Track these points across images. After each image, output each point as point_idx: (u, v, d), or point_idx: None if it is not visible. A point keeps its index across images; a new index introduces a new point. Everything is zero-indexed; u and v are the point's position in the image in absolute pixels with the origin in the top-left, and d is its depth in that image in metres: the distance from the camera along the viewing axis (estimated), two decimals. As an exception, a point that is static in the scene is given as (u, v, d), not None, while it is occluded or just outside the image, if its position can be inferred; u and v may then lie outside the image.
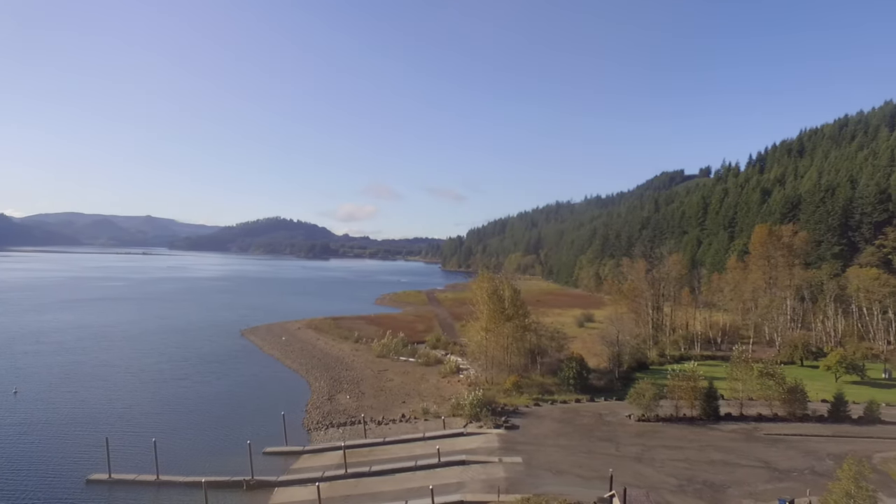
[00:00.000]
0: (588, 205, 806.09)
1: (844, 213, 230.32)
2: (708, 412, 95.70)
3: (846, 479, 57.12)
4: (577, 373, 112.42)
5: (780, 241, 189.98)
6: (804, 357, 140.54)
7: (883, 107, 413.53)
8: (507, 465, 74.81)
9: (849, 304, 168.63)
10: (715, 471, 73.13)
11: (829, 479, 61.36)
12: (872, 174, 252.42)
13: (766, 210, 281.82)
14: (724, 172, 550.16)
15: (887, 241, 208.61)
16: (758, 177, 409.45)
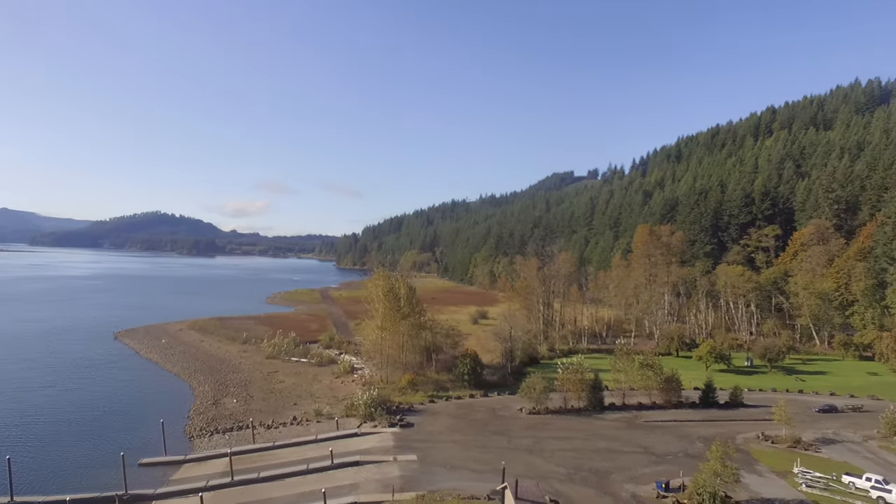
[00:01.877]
0: (483, 203, 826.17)
1: (715, 215, 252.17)
2: (594, 403, 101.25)
3: (714, 460, 62.72)
4: (471, 369, 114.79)
5: (660, 240, 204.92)
6: (679, 348, 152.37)
7: (748, 118, 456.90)
8: (402, 464, 74.89)
9: (718, 298, 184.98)
10: (600, 458, 77.48)
11: (699, 461, 66.94)
12: (739, 179, 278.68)
13: (648, 211, 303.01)
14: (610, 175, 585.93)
15: (751, 241, 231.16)
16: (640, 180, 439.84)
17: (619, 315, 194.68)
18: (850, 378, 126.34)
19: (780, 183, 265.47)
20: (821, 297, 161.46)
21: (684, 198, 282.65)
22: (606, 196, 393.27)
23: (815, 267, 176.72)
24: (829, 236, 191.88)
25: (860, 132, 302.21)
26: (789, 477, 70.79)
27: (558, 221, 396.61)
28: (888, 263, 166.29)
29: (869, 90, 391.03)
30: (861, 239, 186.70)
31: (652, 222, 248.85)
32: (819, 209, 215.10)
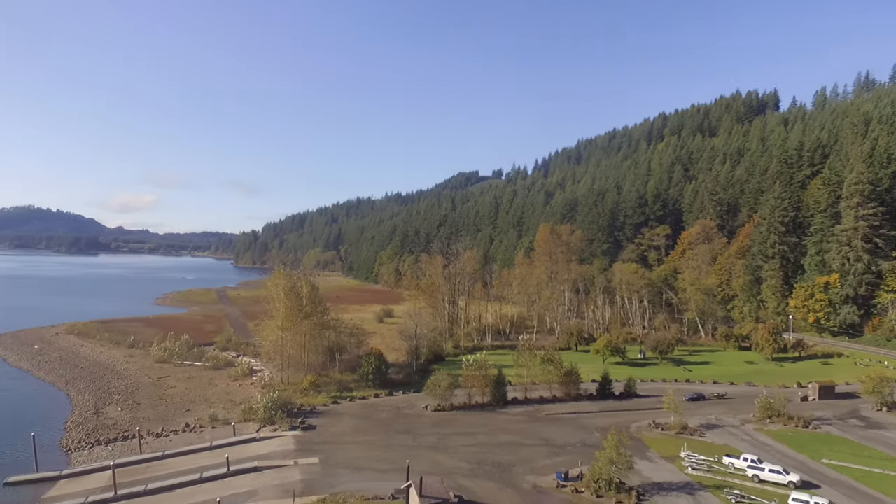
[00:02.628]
0: (389, 201, 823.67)
1: (612, 215, 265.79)
2: (498, 398, 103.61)
3: (609, 448, 66.03)
4: (376, 368, 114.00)
5: (561, 239, 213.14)
6: (578, 343, 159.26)
7: (642, 124, 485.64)
8: (303, 467, 73.04)
9: (614, 295, 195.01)
10: (503, 452, 79.37)
11: (597, 450, 70.08)
12: (634, 182, 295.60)
13: (549, 211, 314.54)
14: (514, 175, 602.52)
15: (644, 240, 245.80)
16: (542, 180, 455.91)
17: (522, 311, 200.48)
18: (730, 367, 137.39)
19: (670, 185, 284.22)
20: (705, 292, 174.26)
21: (583, 198, 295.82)
22: (510, 196, 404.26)
23: (700, 264, 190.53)
24: (713, 236, 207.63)
25: (740, 139, 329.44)
26: (677, 461, 75.79)
27: (464, 220, 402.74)
28: (763, 261, 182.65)
29: (748, 101, 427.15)
30: (740, 238, 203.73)
31: (553, 221, 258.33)
32: (704, 210, 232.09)
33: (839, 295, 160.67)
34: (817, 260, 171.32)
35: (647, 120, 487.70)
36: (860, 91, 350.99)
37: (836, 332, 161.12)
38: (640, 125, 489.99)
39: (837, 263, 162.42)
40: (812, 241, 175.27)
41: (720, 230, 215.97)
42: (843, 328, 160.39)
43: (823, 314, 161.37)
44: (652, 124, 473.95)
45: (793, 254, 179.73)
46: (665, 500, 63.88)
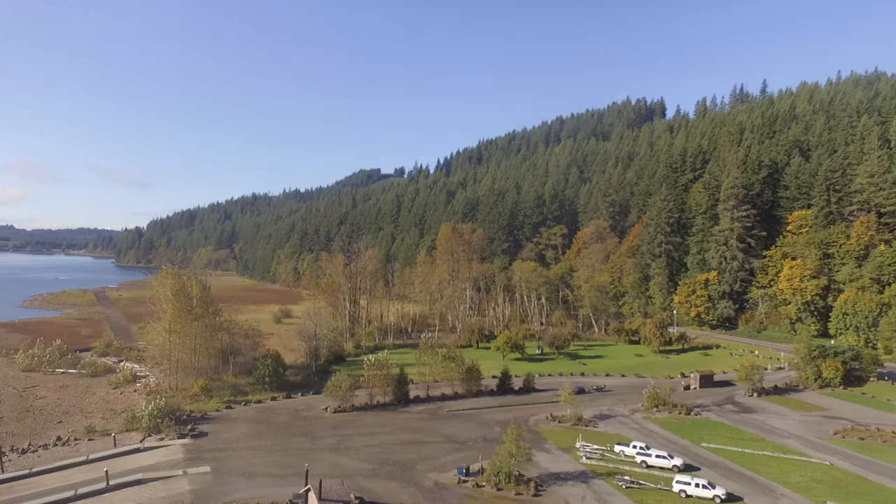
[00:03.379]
0: (287, 198, 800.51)
1: (512, 215, 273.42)
2: (400, 397, 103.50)
3: (509, 442, 67.78)
4: (272, 370, 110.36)
5: (462, 237, 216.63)
6: (479, 340, 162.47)
7: (540, 126, 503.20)
8: (193, 477, 69.25)
9: (514, 292, 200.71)
10: (406, 451, 79.35)
11: (497, 444, 71.69)
12: (532, 182, 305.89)
13: (451, 210, 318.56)
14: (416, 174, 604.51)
15: (542, 240, 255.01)
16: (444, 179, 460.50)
17: (425, 310, 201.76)
18: (622, 360, 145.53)
19: (567, 187, 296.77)
20: (599, 289, 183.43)
21: (484, 198, 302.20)
22: (412, 194, 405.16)
23: (594, 263, 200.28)
24: (606, 235, 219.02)
25: (631, 144, 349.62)
26: (573, 451, 79.12)
27: (365, 218, 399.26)
28: (651, 260, 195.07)
29: (638, 108, 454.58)
30: (631, 238, 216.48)
31: (455, 221, 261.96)
32: (598, 211, 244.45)
33: (717, 291, 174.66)
34: (698, 258, 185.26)
35: (545, 123, 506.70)
36: (735, 103, 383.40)
37: (715, 325, 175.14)
38: (538, 128, 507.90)
39: (716, 262, 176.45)
40: (694, 240, 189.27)
41: (612, 230, 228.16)
42: (721, 321, 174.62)
43: (704, 309, 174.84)
44: (550, 127, 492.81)
45: (677, 253, 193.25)
46: (561, 490, 66.45)
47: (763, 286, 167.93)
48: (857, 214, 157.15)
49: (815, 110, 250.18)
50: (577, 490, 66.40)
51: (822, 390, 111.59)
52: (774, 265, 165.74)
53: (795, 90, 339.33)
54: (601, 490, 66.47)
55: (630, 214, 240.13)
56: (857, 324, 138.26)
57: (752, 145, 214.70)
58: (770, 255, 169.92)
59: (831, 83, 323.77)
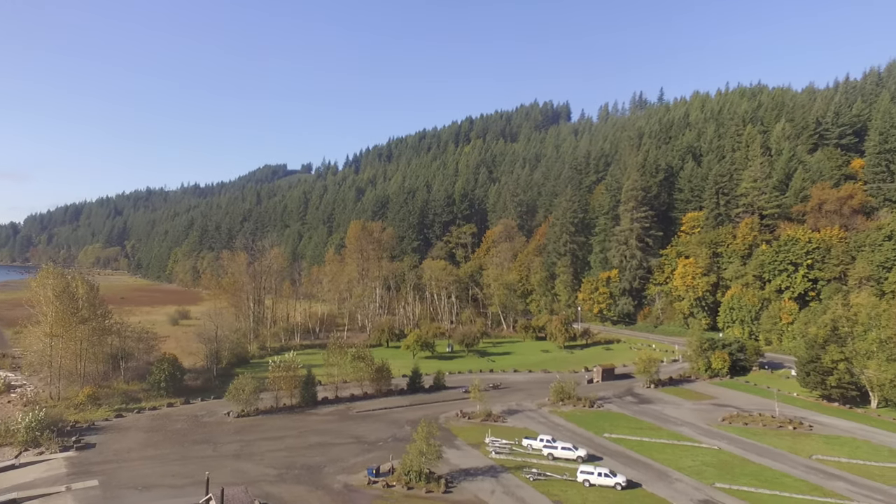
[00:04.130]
0: (185, 193, 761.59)
1: (422, 213, 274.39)
2: (307, 399, 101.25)
3: (420, 440, 67.99)
4: (169, 374, 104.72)
5: (372, 235, 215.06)
6: (389, 339, 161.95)
7: (451, 126, 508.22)
8: (78, 493, 64.35)
9: (424, 291, 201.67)
10: (313, 454, 77.69)
11: (407, 443, 71.75)
12: (442, 181, 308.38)
13: (360, 207, 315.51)
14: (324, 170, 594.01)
15: (452, 238, 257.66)
16: (353, 176, 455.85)
17: (333, 309, 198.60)
18: (529, 356, 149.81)
19: (476, 186, 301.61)
20: (507, 287, 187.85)
21: (395, 196, 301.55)
22: (320, 191, 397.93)
23: (503, 261, 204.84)
24: (515, 234, 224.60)
25: (538, 146, 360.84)
26: (482, 447, 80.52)
27: (270, 215, 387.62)
28: (556, 258, 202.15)
29: (545, 110, 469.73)
30: (538, 237, 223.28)
31: (365, 218, 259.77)
32: (507, 211, 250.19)
33: (618, 288, 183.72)
34: (601, 257, 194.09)
35: (454, 123, 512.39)
36: (635, 109, 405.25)
37: (616, 321, 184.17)
38: (448, 127, 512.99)
39: (617, 260, 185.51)
40: (597, 240, 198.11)
41: (521, 229, 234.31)
42: (621, 317, 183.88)
43: (606, 305, 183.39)
44: (460, 127, 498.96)
45: (581, 251, 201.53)
46: (471, 485, 67.43)
47: (660, 283, 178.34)
48: (743, 216, 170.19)
49: (707, 118, 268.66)
50: (486, 485, 67.61)
51: (711, 380, 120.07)
52: (670, 263, 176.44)
53: (689, 99, 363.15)
54: (510, 483, 68.04)
55: (537, 214, 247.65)
56: (742, 318, 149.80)
57: (651, 150, 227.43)
58: (666, 253, 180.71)
59: (721, 93, 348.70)
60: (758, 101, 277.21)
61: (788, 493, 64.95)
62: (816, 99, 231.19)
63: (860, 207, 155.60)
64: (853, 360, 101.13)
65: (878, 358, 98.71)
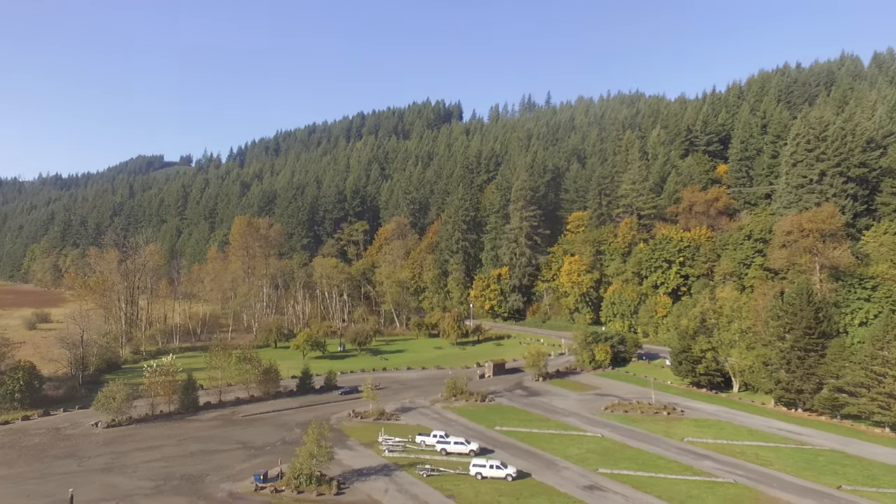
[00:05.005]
0: (44, 184, 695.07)
1: (312, 210, 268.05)
2: (187, 405, 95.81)
3: (310, 442, 66.30)
4: (25, 385, 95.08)
5: (258, 232, 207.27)
6: (278, 339, 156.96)
7: (342, 121, 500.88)
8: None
9: (314, 289, 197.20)
10: (194, 462, 73.51)
11: (297, 446, 69.72)
12: (333, 177, 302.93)
13: (246, 202, 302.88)
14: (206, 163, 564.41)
15: (343, 235, 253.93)
16: (238, 170, 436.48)
17: (216, 310, 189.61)
18: (422, 353, 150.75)
19: (368, 183, 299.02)
20: (400, 284, 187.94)
21: (283, 191, 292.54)
22: (201, 184, 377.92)
23: (395, 259, 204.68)
24: (407, 232, 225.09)
25: (430, 144, 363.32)
26: (375, 446, 79.93)
27: (145, 209, 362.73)
28: (449, 256, 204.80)
29: (437, 109, 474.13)
30: (430, 235, 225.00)
31: (251, 214, 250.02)
32: (399, 208, 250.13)
33: (508, 285, 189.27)
34: (492, 255, 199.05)
35: (346, 118, 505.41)
36: (524, 111, 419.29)
37: (507, 317, 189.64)
38: (339, 122, 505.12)
39: (507, 258, 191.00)
40: (488, 238, 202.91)
41: (413, 227, 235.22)
42: (512, 313, 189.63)
43: (497, 302, 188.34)
44: (351, 122, 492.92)
45: (473, 249, 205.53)
46: (364, 485, 66.69)
47: (547, 280, 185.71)
48: (623, 216, 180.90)
49: (590, 123, 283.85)
50: (379, 484, 67.14)
51: (595, 371, 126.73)
52: (557, 261, 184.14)
53: (574, 103, 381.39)
54: (403, 481, 67.99)
55: (430, 212, 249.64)
56: (623, 312, 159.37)
57: (539, 151, 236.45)
58: (553, 251, 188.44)
59: (603, 99, 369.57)
60: (636, 108, 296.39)
61: (663, 474, 69.79)
62: (687, 108, 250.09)
63: (724, 209, 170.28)
64: (718, 350, 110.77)
65: (739, 346, 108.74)
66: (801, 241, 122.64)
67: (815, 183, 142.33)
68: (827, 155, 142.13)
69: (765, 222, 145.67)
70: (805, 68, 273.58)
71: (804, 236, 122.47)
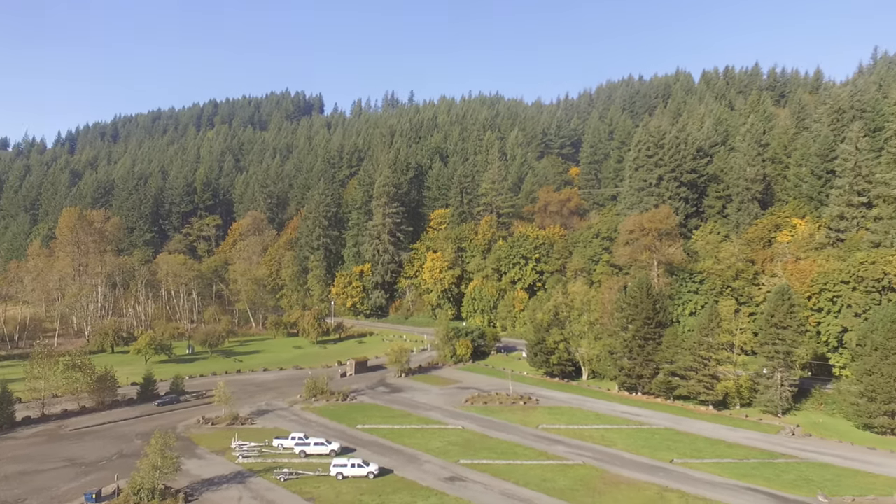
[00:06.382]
0: None
1: (156, 202, 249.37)
2: (1, 421, 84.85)
3: (153, 454, 61.39)
4: None
5: (92, 226, 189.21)
6: (115, 343, 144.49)
7: (192, 108, 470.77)
8: None
9: (159, 288, 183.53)
10: (11, 486, 65.29)
11: (138, 459, 64.34)
12: (181, 168, 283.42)
13: (77, 193, 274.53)
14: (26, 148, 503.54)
15: (193, 230, 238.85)
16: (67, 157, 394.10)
17: (39, 312, 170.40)
18: (280, 353, 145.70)
19: (221, 175, 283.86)
20: (256, 282, 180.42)
21: (122, 181, 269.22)
22: (21, 172, 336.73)
23: (251, 255, 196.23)
24: (264, 227, 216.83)
25: (290, 136, 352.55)
26: (228, 453, 75.81)
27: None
28: (309, 252, 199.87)
29: (297, 101, 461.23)
30: (289, 231, 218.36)
31: (83, 206, 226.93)
32: (256, 202, 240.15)
33: (371, 282, 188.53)
34: (354, 251, 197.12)
35: (196, 105, 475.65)
36: (387, 107, 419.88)
37: (369, 314, 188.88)
38: (189, 109, 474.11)
39: (370, 254, 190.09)
40: (350, 234, 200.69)
41: (271, 222, 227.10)
42: (374, 310, 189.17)
43: (359, 299, 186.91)
44: (202, 110, 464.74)
45: (335, 246, 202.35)
46: (215, 495, 63.06)
47: (410, 277, 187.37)
48: (483, 214, 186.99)
49: (452, 122, 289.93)
50: (232, 492, 63.82)
51: (456, 366, 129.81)
52: (419, 257, 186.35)
53: (437, 102, 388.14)
54: (259, 487, 65.16)
55: (289, 207, 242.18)
56: (483, 307, 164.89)
57: (402, 148, 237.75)
58: (416, 248, 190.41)
59: (465, 100, 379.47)
60: (496, 109, 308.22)
61: (520, 461, 73.07)
62: (543, 112, 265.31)
63: (576, 209, 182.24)
64: (570, 341, 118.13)
65: (588, 337, 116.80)
66: (641, 239, 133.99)
67: (654, 186, 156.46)
68: (664, 161, 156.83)
69: (611, 222, 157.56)
70: (646, 81, 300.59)
71: (644, 235, 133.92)
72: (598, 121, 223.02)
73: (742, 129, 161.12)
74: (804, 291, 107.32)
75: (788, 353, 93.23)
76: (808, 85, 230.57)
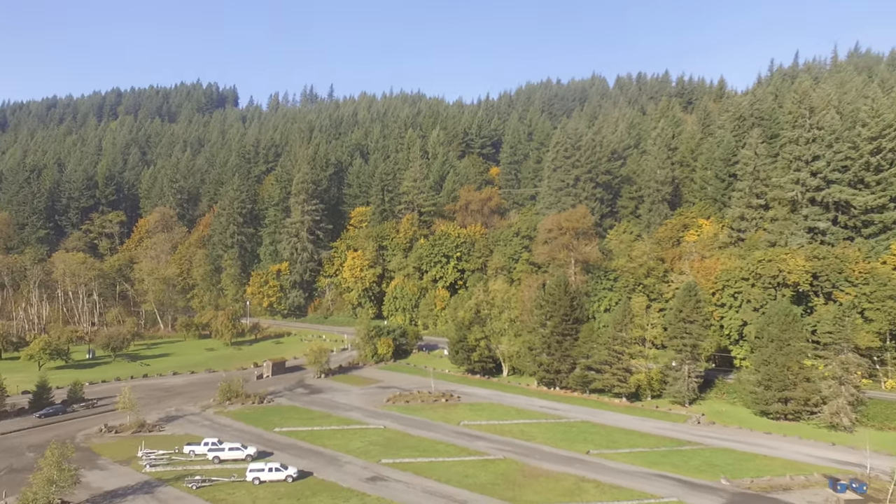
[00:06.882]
0: None
1: (52, 197, 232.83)
2: None
3: (48, 467, 57.26)
4: None
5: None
6: (3, 349, 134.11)
7: (92, 96, 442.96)
8: None
9: (55, 289, 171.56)
10: None
11: (30, 473, 60.00)
12: (81, 160, 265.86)
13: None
14: None
15: (94, 227, 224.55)
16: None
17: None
18: (191, 355, 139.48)
19: (125, 168, 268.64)
20: (165, 282, 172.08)
21: (11, 174, 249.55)
22: None
23: (159, 254, 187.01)
24: (174, 224, 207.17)
25: (201, 129, 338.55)
26: (134, 462, 71.89)
27: None
28: (223, 250, 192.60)
29: (209, 92, 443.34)
30: (201, 228, 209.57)
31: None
32: (164, 198, 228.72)
33: (289, 281, 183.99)
34: (271, 249, 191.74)
35: (97, 93, 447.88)
36: (306, 102, 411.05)
37: (287, 314, 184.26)
38: (89, 97, 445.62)
39: (288, 252, 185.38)
40: (267, 232, 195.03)
41: (181, 219, 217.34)
42: (292, 310, 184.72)
43: (276, 298, 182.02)
44: (104, 99, 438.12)
45: (250, 243, 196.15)
46: (120, 507, 59.57)
47: (330, 275, 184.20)
48: (405, 212, 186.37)
49: (373, 119, 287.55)
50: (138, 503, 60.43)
51: (378, 365, 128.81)
52: (340, 256, 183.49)
53: (357, 98, 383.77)
54: (168, 496, 62.26)
55: (201, 203, 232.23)
56: (404, 306, 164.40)
57: (321, 144, 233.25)
58: (336, 246, 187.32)
59: (386, 97, 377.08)
60: (418, 108, 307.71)
61: (442, 458, 73.40)
62: (464, 112, 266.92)
63: (496, 208, 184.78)
64: (491, 338, 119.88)
65: (509, 334, 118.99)
66: (559, 238, 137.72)
67: (571, 187, 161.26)
68: (581, 162, 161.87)
69: (530, 221, 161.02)
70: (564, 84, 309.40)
71: (562, 234, 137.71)
72: (517, 122, 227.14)
73: (653, 134, 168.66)
74: (709, 288, 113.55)
75: (695, 346, 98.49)
76: (712, 93, 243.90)
